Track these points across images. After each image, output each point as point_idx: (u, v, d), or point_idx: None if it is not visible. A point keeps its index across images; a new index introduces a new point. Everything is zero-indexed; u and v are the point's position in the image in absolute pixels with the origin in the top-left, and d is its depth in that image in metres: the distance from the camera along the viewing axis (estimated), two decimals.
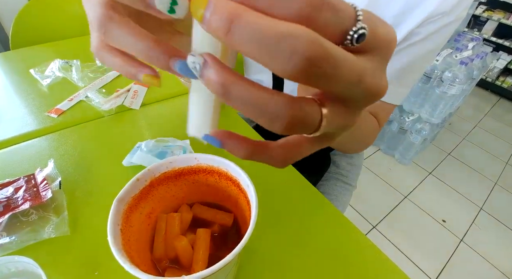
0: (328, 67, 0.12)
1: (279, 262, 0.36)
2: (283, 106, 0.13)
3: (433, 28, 0.41)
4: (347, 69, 0.12)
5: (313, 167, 0.66)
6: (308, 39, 0.11)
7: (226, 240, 0.32)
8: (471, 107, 2.44)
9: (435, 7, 0.38)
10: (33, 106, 0.58)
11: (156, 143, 0.47)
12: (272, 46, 0.11)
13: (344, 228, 0.41)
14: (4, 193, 0.40)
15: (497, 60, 2.46)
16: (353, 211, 1.48)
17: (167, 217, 0.31)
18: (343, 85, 0.13)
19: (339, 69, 0.12)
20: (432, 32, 0.41)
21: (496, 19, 2.37)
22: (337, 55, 0.12)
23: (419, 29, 0.41)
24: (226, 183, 0.32)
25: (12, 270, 0.32)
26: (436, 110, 1.52)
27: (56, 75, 0.65)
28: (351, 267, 0.37)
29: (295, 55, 0.11)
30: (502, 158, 1.94)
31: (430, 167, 1.80)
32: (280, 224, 0.40)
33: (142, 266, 0.22)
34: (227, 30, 0.11)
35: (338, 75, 0.12)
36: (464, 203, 1.60)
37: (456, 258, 1.33)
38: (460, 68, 1.38)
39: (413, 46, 0.43)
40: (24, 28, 0.97)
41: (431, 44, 0.43)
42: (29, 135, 0.51)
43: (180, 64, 0.15)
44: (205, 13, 0.12)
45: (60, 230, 0.37)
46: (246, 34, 0.11)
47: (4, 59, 0.75)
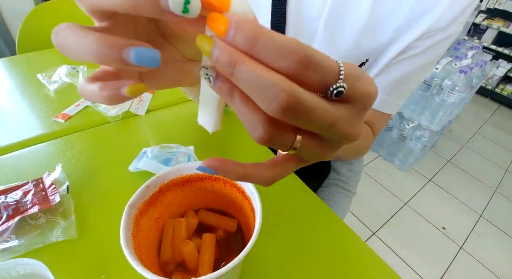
0: (301, 113, 0.14)
1: (280, 266, 0.37)
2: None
3: (430, 42, 0.41)
4: (319, 116, 0.15)
5: (313, 174, 0.67)
6: (285, 90, 0.13)
7: (230, 245, 0.33)
8: (471, 115, 2.46)
9: (433, 23, 0.39)
10: (40, 111, 0.59)
11: (161, 149, 0.48)
12: (260, 90, 0.14)
13: (344, 235, 0.42)
14: (13, 196, 0.41)
15: (497, 68, 2.48)
16: (353, 217, 1.49)
17: (174, 222, 0.32)
18: (315, 127, 0.16)
19: (311, 115, 0.15)
20: (429, 46, 0.42)
21: (496, 27, 2.40)
22: (310, 104, 0.14)
23: (417, 42, 0.42)
24: (231, 190, 0.33)
25: (21, 272, 0.33)
26: (435, 117, 1.54)
27: (63, 81, 0.66)
28: (351, 273, 0.37)
29: (274, 101, 0.14)
30: (502, 165, 1.95)
31: (430, 174, 1.81)
32: (281, 230, 0.41)
33: (151, 269, 0.23)
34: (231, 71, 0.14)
35: (310, 120, 0.15)
36: (464, 210, 1.61)
37: (456, 265, 1.33)
38: (459, 76, 1.40)
39: (410, 59, 0.43)
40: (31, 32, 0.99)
41: (428, 58, 0.44)
42: (36, 139, 0.52)
43: (134, 52, 0.14)
44: (212, 51, 0.14)
45: (68, 234, 0.38)
46: (242, 77, 0.14)
47: (11, 63, 0.76)
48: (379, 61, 0.45)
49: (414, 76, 0.46)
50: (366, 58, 0.44)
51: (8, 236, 0.37)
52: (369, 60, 0.45)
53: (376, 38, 0.42)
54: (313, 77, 0.14)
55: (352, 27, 0.42)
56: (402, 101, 0.50)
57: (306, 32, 0.45)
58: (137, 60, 0.14)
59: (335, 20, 0.42)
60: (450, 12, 0.39)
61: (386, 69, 0.45)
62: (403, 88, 0.47)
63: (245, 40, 0.14)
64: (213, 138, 0.55)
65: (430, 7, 0.39)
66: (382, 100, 0.48)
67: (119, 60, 0.15)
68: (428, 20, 0.39)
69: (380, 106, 0.48)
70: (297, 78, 0.14)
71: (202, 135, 0.56)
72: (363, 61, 0.45)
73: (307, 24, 0.44)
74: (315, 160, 0.19)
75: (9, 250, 0.36)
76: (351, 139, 0.17)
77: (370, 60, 0.45)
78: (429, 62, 0.44)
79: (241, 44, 0.14)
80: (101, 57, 0.15)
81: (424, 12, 0.39)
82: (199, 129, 0.57)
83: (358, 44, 0.43)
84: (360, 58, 0.44)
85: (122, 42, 0.15)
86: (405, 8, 0.40)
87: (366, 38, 0.42)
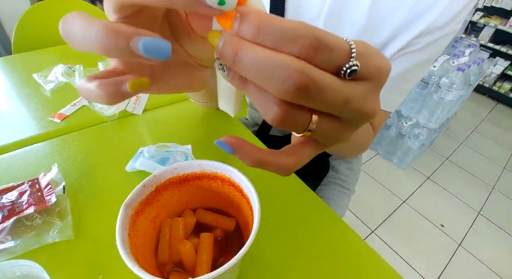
0: (314, 92, 0.14)
1: (279, 265, 0.37)
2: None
3: (429, 39, 0.41)
4: (332, 94, 0.14)
5: (312, 172, 0.67)
6: (297, 70, 0.13)
7: (228, 244, 0.33)
8: (469, 112, 2.46)
9: (433, 21, 0.39)
10: (36, 110, 0.58)
11: (157, 148, 0.47)
12: (268, 73, 0.13)
13: (343, 233, 0.42)
14: (9, 197, 0.40)
15: (494, 66, 2.49)
16: (352, 215, 1.49)
17: (171, 222, 0.31)
18: (330, 106, 0.15)
19: (324, 93, 0.14)
20: (428, 42, 0.42)
21: (493, 25, 2.41)
22: (324, 82, 0.14)
23: (416, 40, 0.42)
24: (229, 189, 0.33)
25: (17, 273, 0.32)
26: (433, 115, 1.54)
27: (59, 80, 0.66)
28: (350, 271, 0.37)
29: (286, 82, 0.13)
30: (500, 162, 1.96)
31: (428, 172, 1.81)
32: (279, 228, 0.41)
33: (148, 269, 0.23)
34: (233, 59, 0.14)
35: (324, 98, 0.14)
36: (462, 207, 1.61)
37: (454, 262, 1.33)
38: (457, 74, 1.40)
39: (409, 55, 0.43)
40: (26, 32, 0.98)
41: (427, 54, 0.44)
42: (32, 139, 0.52)
43: (144, 42, 0.13)
44: (218, 42, 0.14)
45: (64, 234, 0.38)
46: (248, 63, 0.14)
47: (6, 63, 0.75)
48: None
49: (413, 72, 0.46)
50: None
51: (4, 237, 0.37)
52: None
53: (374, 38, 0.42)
54: (325, 58, 0.14)
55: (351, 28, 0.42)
56: (401, 98, 0.50)
57: None
58: (146, 50, 0.13)
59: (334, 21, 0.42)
60: (448, 11, 0.39)
61: None
62: (402, 85, 0.47)
63: (251, 29, 0.13)
64: (210, 137, 0.55)
65: (429, 6, 0.39)
66: (382, 97, 0.48)
67: (127, 51, 0.13)
68: (427, 19, 0.39)
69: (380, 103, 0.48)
70: (308, 61, 0.14)
71: (200, 134, 0.56)
72: None
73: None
74: (332, 142, 0.18)
75: (4, 251, 0.36)
76: (368, 116, 0.17)
77: None
78: (428, 59, 0.44)
79: (248, 34, 0.14)
80: (107, 46, 0.13)
81: (424, 11, 0.39)
82: (197, 128, 0.57)
83: None
84: None
85: (130, 30, 0.14)
86: (405, 8, 0.40)
87: (365, 38, 0.42)
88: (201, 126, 0.58)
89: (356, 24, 0.41)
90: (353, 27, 0.42)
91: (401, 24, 0.40)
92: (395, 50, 0.43)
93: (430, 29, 0.40)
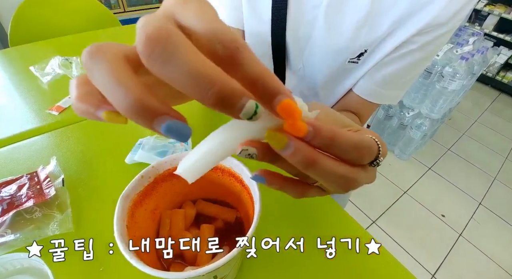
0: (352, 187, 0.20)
1: (280, 255, 0.37)
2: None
3: (429, 38, 0.41)
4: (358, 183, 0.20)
5: None
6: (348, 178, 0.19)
7: (229, 235, 0.33)
8: (471, 102, 2.44)
9: (433, 18, 0.38)
10: (34, 103, 0.58)
11: (156, 139, 0.47)
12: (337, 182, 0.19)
13: (345, 223, 0.41)
14: (7, 191, 0.40)
15: (498, 55, 2.45)
16: (353, 206, 1.49)
17: (171, 213, 0.31)
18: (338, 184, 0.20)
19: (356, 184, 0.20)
20: (428, 41, 0.41)
21: (497, 13, 2.36)
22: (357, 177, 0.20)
23: (415, 38, 0.41)
24: (229, 180, 0.32)
25: (17, 267, 0.32)
26: (436, 105, 1.52)
27: (57, 72, 0.65)
28: (351, 262, 0.37)
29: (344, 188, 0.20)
30: (502, 153, 1.95)
31: (430, 162, 1.81)
32: (281, 219, 0.41)
33: (148, 261, 0.23)
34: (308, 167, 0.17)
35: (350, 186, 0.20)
36: (464, 198, 1.61)
37: (455, 252, 1.34)
38: (460, 63, 1.38)
39: (406, 54, 0.43)
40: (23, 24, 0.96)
41: (425, 53, 0.43)
42: (30, 132, 0.51)
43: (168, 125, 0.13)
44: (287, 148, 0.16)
45: (64, 227, 0.37)
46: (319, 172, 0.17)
47: (3, 56, 0.74)
48: (376, 53, 0.44)
49: (409, 70, 0.45)
50: (365, 49, 0.44)
51: (4, 230, 0.37)
52: (367, 51, 0.44)
53: (375, 28, 0.42)
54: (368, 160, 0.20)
55: (352, 16, 0.41)
56: (395, 93, 0.49)
57: (306, 19, 0.43)
58: (167, 132, 0.13)
59: (336, 8, 0.41)
60: (451, 7, 0.38)
61: (382, 63, 0.45)
62: (396, 82, 0.47)
63: (323, 141, 0.16)
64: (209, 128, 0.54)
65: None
66: (375, 92, 0.47)
67: (148, 126, 0.13)
68: (429, 13, 0.38)
69: (373, 97, 0.48)
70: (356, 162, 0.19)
71: (199, 124, 0.55)
72: (362, 51, 0.44)
73: (308, 10, 0.43)
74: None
75: (4, 244, 0.36)
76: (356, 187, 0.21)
77: (368, 51, 0.44)
78: (426, 57, 0.44)
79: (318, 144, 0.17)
80: (129, 115, 0.13)
81: (425, 4, 0.38)
82: (196, 119, 0.56)
83: (357, 34, 0.42)
84: (358, 48, 0.43)
85: (159, 109, 0.13)
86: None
87: (366, 27, 0.41)
88: (201, 116, 0.57)
89: (357, 13, 0.40)
90: (355, 15, 0.41)
91: (402, 15, 0.39)
92: (395, 46, 0.42)
93: (431, 26, 0.39)
